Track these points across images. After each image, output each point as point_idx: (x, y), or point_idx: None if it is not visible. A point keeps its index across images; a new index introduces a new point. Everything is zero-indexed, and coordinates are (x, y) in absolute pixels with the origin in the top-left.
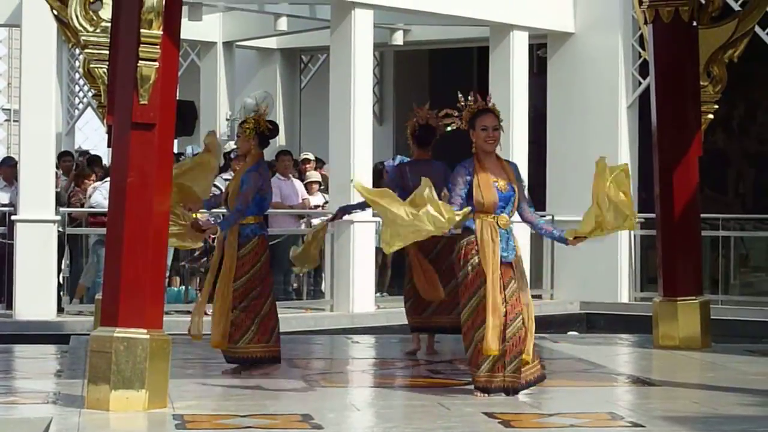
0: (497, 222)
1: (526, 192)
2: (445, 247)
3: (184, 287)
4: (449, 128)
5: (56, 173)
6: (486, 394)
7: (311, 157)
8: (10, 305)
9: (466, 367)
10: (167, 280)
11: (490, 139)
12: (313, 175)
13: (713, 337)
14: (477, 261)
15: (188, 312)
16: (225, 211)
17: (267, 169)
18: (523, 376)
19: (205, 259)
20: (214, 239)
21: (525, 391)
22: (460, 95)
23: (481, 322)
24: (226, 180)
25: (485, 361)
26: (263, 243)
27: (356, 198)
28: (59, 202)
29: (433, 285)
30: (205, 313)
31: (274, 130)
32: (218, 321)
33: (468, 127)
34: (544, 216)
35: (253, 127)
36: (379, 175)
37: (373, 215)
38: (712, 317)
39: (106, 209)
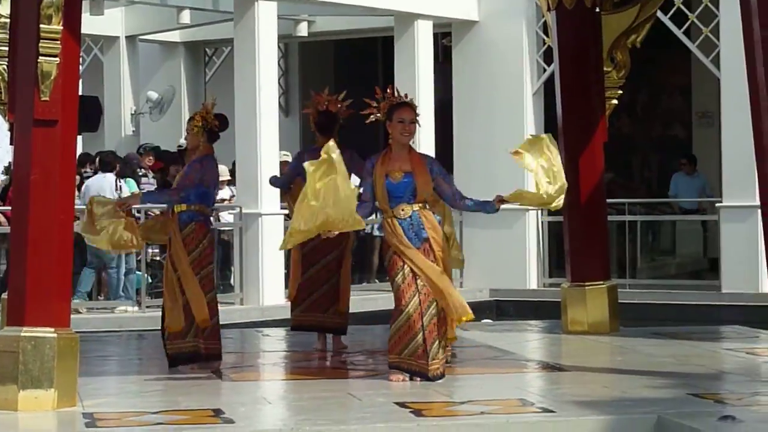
0: (394, 214)
1: (449, 180)
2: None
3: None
4: (368, 120)
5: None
6: (401, 376)
7: None
8: None
9: (376, 357)
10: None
11: (406, 132)
12: (222, 172)
13: (621, 321)
14: (391, 254)
15: (101, 308)
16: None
17: (213, 163)
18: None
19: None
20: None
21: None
22: (378, 90)
23: (403, 308)
24: None
25: (406, 347)
26: (201, 229)
27: (266, 189)
28: None
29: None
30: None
31: (222, 124)
32: (194, 296)
33: (385, 119)
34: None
35: (201, 125)
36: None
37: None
38: (619, 301)
39: None
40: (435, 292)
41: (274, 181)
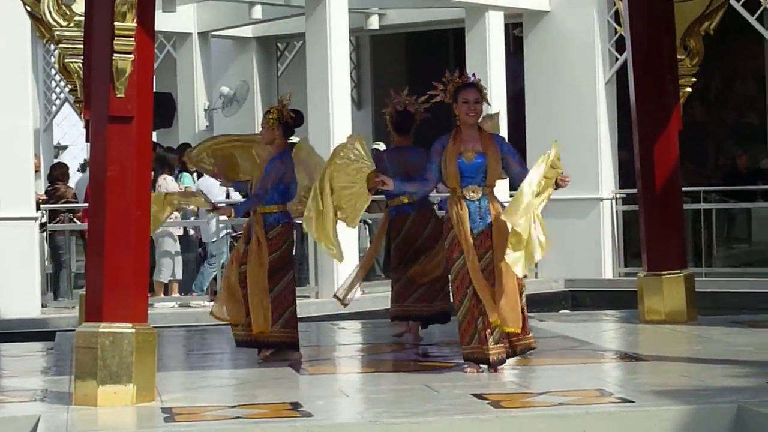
0: (464, 194)
1: (518, 159)
2: (412, 226)
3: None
4: (433, 100)
5: None
6: (477, 367)
7: (295, 140)
8: None
9: (452, 348)
10: None
11: (471, 112)
12: None
13: (699, 310)
14: (452, 236)
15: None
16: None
17: (291, 158)
18: (509, 347)
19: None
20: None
21: (513, 371)
22: (447, 73)
23: (461, 299)
24: None
25: (472, 336)
26: (287, 230)
27: None
28: None
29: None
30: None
31: (297, 118)
32: (258, 305)
33: (452, 101)
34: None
35: (277, 117)
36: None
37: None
38: (696, 290)
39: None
40: (483, 298)
41: None
